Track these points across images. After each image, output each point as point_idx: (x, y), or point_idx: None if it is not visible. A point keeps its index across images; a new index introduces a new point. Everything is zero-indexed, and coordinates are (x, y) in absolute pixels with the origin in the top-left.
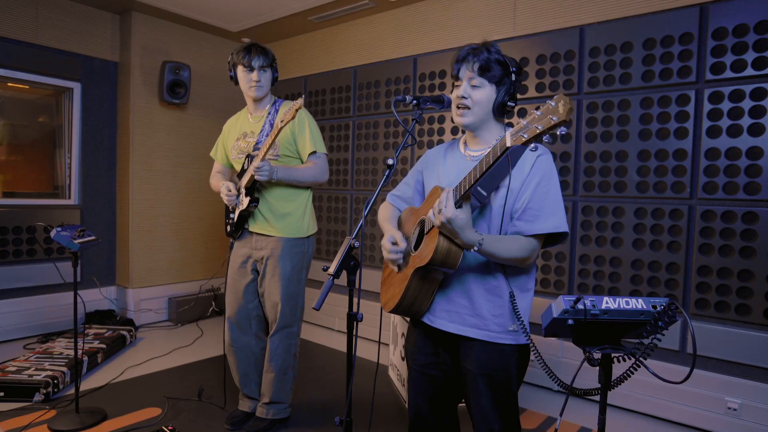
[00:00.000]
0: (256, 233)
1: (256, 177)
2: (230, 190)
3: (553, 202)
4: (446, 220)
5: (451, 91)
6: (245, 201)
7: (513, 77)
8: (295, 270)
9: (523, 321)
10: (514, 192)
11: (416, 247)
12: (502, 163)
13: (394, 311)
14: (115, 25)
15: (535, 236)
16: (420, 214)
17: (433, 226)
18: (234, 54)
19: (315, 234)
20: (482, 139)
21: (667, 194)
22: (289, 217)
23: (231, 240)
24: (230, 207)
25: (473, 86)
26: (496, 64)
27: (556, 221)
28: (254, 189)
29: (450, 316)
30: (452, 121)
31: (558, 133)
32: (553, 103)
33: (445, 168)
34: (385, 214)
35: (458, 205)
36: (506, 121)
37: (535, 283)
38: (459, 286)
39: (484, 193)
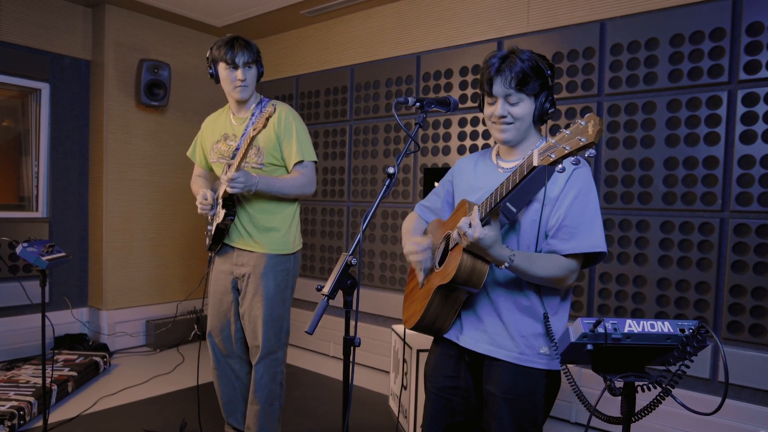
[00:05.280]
0: (238, 248)
1: (229, 190)
2: (206, 199)
3: (591, 219)
4: (474, 240)
5: (479, 103)
6: (221, 213)
7: (550, 82)
8: (279, 289)
9: (557, 344)
10: (548, 208)
11: (440, 263)
12: (535, 177)
13: (415, 328)
14: (86, 20)
15: (572, 256)
16: (446, 228)
17: (457, 243)
18: (214, 49)
19: (300, 249)
20: (518, 149)
21: (697, 206)
22: (274, 231)
23: (210, 254)
24: (208, 218)
25: (511, 104)
26: (533, 75)
27: (594, 240)
28: (232, 201)
29: (478, 334)
30: (484, 137)
31: (587, 155)
32: (582, 123)
33: (475, 179)
34: (408, 226)
35: (485, 222)
36: (543, 129)
37: (570, 307)
38: (489, 304)
39: (514, 210)
